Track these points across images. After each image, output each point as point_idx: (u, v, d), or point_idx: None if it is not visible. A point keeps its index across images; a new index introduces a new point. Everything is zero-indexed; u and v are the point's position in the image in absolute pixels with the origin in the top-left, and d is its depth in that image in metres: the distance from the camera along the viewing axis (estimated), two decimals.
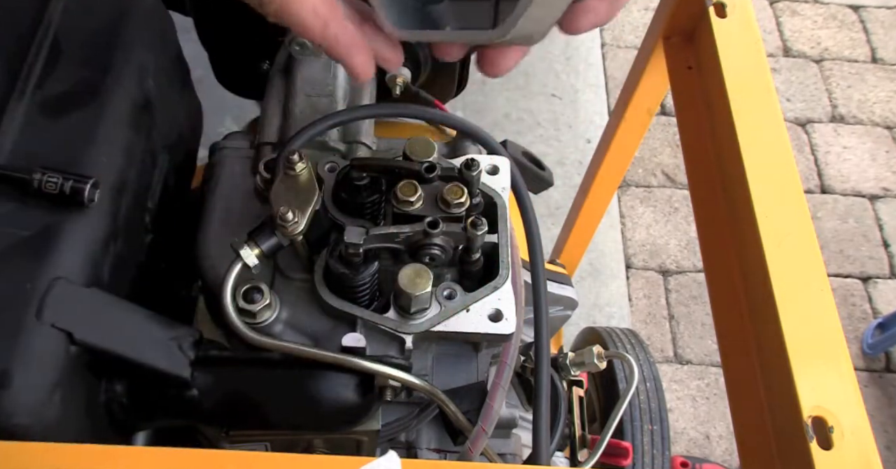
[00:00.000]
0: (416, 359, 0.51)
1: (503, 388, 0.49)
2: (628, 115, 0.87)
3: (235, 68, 0.76)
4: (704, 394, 1.63)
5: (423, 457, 0.56)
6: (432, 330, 0.48)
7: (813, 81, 2.11)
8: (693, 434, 1.58)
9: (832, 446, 0.43)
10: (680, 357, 1.66)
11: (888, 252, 1.83)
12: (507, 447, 0.62)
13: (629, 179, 1.91)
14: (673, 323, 1.71)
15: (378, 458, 0.35)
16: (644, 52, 0.80)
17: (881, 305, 1.74)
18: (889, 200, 1.90)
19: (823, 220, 1.86)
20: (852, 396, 0.45)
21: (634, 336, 1.09)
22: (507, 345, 0.50)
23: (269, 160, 0.52)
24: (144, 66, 0.54)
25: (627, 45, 2.13)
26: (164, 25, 0.59)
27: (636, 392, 0.96)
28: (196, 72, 0.69)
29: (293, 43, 0.58)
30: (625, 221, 1.85)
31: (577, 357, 0.66)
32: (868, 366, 1.67)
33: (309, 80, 0.60)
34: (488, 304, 0.49)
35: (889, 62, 2.16)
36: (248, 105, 0.89)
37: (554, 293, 0.81)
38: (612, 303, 1.72)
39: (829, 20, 2.25)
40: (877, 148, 1.99)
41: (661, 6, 0.74)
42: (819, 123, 2.03)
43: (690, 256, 1.79)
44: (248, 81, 0.75)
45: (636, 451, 0.91)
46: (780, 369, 0.47)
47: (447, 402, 0.48)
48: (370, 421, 0.46)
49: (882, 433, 1.58)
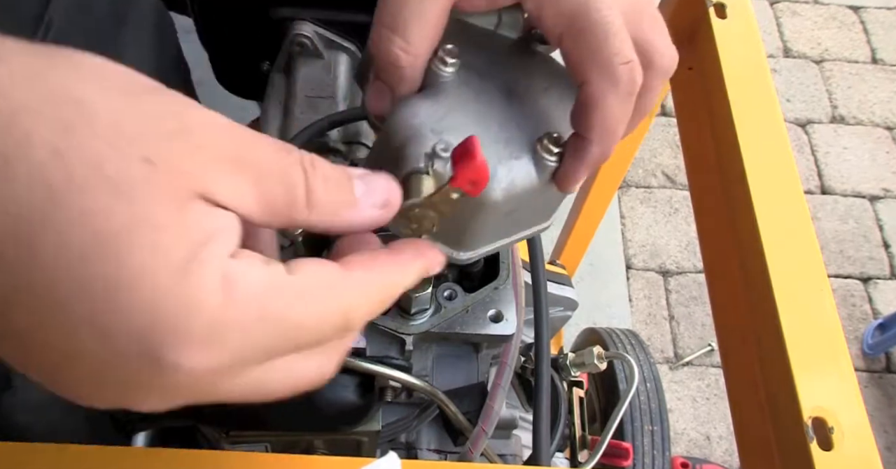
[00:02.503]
0: (416, 359, 0.51)
1: (503, 388, 0.49)
2: None
3: (235, 68, 0.76)
4: (705, 394, 1.63)
5: (423, 457, 0.56)
6: (432, 331, 0.48)
7: (813, 82, 2.12)
8: (693, 435, 1.58)
9: (832, 447, 0.43)
10: (680, 357, 1.66)
11: (888, 253, 1.83)
12: (507, 448, 0.62)
13: (629, 180, 1.91)
14: (673, 323, 1.71)
15: (378, 459, 0.35)
16: None
17: (881, 306, 1.74)
18: (889, 201, 1.91)
19: (823, 220, 1.86)
20: (853, 397, 0.45)
21: (635, 337, 1.09)
22: (507, 345, 0.50)
23: None
24: (145, 66, 0.54)
25: None
26: (164, 25, 0.59)
27: (636, 393, 0.96)
28: (196, 72, 0.69)
29: (293, 43, 0.58)
30: (625, 222, 1.85)
31: (577, 358, 0.66)
32: (868, 366, 1.67)
33: (309, 80, 0.60)
34: (489, 305, 0.49)
35: (889, 63, 2.16)
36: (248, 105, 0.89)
37: (554, 294, 0.81)
38: (612, 303, 1.72)
39: (829, 21, 2.25)
40: (877, 148, 1.99)
41: (661, 6, 0.74)
42: (819, 124, 2.03)
43: (690, 257, 1.79)
44: (248, 82, 0.75)
45: (636, 452, 0.91)
46: (780, 370, 0.47)
47: (447, 403, 0.48)
48: (370, 422, 0.46)
49: (882, 434, 1.58)
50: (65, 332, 0.23)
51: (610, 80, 0.33)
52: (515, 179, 0.35)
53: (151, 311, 0.23)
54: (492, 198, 0.35)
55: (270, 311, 0.25)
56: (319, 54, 0.60)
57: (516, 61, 0.39)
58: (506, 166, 0.35)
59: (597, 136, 0.34)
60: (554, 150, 0.35)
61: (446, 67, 0.36)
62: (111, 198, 0.23)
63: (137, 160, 0.23)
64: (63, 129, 0.22)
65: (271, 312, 0.25)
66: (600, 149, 0.35)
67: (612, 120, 0.34)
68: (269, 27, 0.61)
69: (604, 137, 0.34)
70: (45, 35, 0.51)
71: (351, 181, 0.29)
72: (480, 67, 0.38)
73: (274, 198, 0.26)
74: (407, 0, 0.34)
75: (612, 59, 0.33)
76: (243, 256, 0.25)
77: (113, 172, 0.23)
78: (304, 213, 0.27)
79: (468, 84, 0.37)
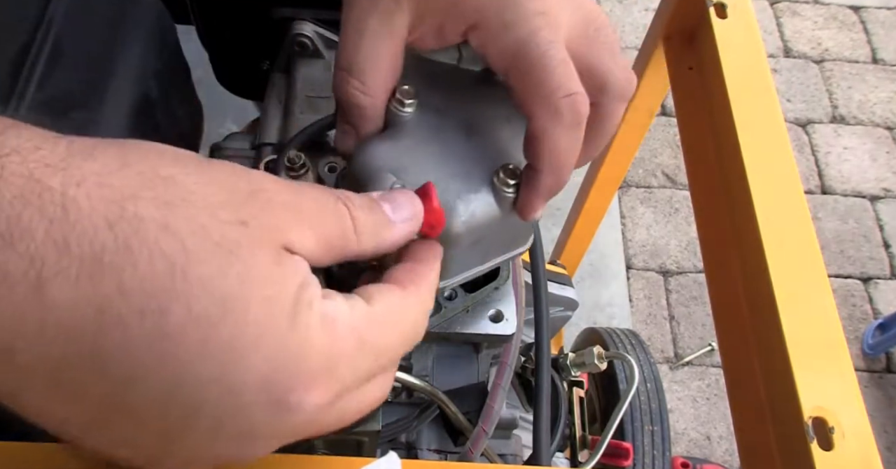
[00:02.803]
0: (416, 360, 0.51)
1: (504, 388, 0.49)
2: (629, 116, 0.87)
3: (235, 68, 0.76)
4: (705, 394, 1.63)
5: (423, 457, 0.56)
6: (433, 331, 0.48)
7: (813, 82, 2.11)
8: (694, 435, 1.58)
9: (833, 447, 0.43)
10: (680, 357, 1.66)
11: (889, 253, 1.83)
12: (507, 448, 0.62)
13: (629, 180, 1.91)
14: (673, 323, 1.71)
15: (378, 459, 0.35)
16: (644, 52, 0.80)
17: (882, 306, 1.74)
18: (889, 201, 1.91)
19: (824, 220, 1.86)
20: (853, 397, 0.45)
21: (635, 337, 1.09)
22: (507, 345, 0.50)
23: (269, 161, 0.52)
24: (145, 66, 0.54)
25: (628, 46, 2.13)
26: (164, 25, 0.59)
27: (637, 393, 0.96)
28: (196, 72, 0.69)
29: (293, 43, 0.58)
30: (625, 222, 1.85)
31: (577, 358, 0.66)
32: (868, 366, 1.67)
33: (309, 80, 0.60)
34: (489, 305, 0.49)
35: (890, 63, 2.16)
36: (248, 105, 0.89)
37: (554, 294, 0.81)
38: (612, 303, 1.72)
39: (829, 21, 2.25)
40: (877, 148, 1.99)
41: (661, 6, 0.74)
42: (819, 124, 2.03)
43: (691, 257, 1.79)
44: (248, 82, 0.75)
45: (637, 452, 0.91)
46: (780, 369, 0.47)
47: (448, 403, 0.48)
48: (370, 421, 0.46)
49: (882, 434, 1.58)
50: (190, 396, 0.25)
51: (553, 114, 0.34)
52: (475, 213, 0.36)
53: (272, 359, 0.25)
54: (453, 232, 0.36)
55: (367, 340, 0.28)
56: (319, 54, 0.60)
57: (477, 94, 0.40)
58: (464, 201, 0.36)
59: (546, 167, 0.35)
60: (510, 182, 0.36)
61: (404, 108, 0.37)
62: (223, 261, 0.25)
63: (234, 223, 0.25)
64: (164, 205, 0.24)
65: (367, 341, 0.28)
66: (552, 179, 0.36)
67: (559, 151, 0.35)
68: (269, 27, 0.61)
69: (553, 168, 0.35)
70: (46, 35, 0.51)
71: (378, 203, 0.31)
72: (440, 104, 0.39)
73: (329, 234, 0.28)
74: (361, 43, 0.36)
75: (554, 93, 0.34)
76: (329, 296, 0.28)
77: (218, 238, 0.25)
78: (354, 241, 0.29)
79: (428, 122, 0.38)
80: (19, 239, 0.22)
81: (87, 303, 0.23)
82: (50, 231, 0.23)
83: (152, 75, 0.55)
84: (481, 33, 0.35)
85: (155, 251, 0.24)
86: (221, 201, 0.26)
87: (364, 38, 0.36)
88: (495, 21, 0.34)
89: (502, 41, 0.35)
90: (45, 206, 0.23)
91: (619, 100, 0.37)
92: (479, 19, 0.35)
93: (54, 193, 0.23)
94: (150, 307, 0.23)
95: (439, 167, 0.37)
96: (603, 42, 0.37)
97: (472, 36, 0.36)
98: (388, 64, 0.36)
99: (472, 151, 0.38)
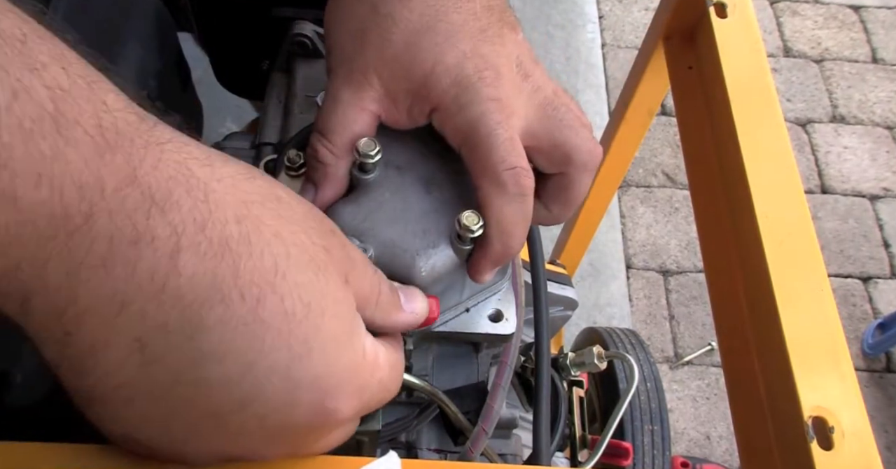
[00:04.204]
0: (416, 359, 0.51)
1: (503, 388, 0.49)
2: (629, 116, 0.87)
3: (235, 68, 0.76)
4: (705, 394, 1.63)
5: (423, 457, 0.56)
6: (433, 330, 0.48)
7: (813, 82, 2.11)
8: (693, 434, 1.58)
9: (833, 447, 0.43)
10: (680, 357, 1.66)
11: (889, 252, 1.83)
12: (507, 447, 0.62)
13: (629, 180, 1.91)
14: (673, 323, 1.71)
15: (378, 459, 0.35)
16: (644, 52, 0.80)
17: (882, 306, 1.74)
18: (889, 200, 1.91)
19: (824, 220, 1.86)
20: (853, 397, 0.45)
21: (635, 336, 1.09)
22: (507, 345, 0.50)
23: (269, 160, 0.52)
24: (145, 66, 0.54)
25: (628, 46, 2.13)
26: (164, 25, 0.59)
27: (636, 392, 0.96)
28: (196, 72, 0.69)
29: (293, 43, 0.58)
30: (625, 222, 1.85)
31: (577, 357, 0.66)
32: (868, 366, 1.67)
33: (309, 80, 0.60)
34: (489, 305, 0.49)
35: (890, 62, 2.16)
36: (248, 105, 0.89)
37: (554, 293, 0.81)
38: (612, 303, 1.72)
39: (829, 20, 2.25)
40: (877, 148, 1.99)
41: (661, 6, 0.74)
42: (819, 123, 2.03)
43: (691, 257, 1.79)
44: (247, 81, 0.75)
45: (637, 452, 0.91)
46: (780, 369, 0.47)
47: (447, 403, 0.48)
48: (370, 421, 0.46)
49: (882, 434, 1.58)
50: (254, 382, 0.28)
51: (496, 185, 0.38)
52: (436, 265, 0.39)
53: (328, 365, 0.29)
54: (417, 284, 0.39)
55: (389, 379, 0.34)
56: (319, 54, 0.60)
57: (437, 148, 0.42)
58: (424, 256, 0.39)
59: (494, 234, 0.39)
60: (468, 237, 0.39)
61: (366, 174, 0.40)
62: (314, 275, 0.29)
63: (322, 248, 0.30)
64: (278, 216, 0.29)
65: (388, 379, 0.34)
66: (499, 246, 0.39)
67: (505, 221, 0.38)
68: (269, 27, 0.61)
69: (500, 235, 0.39)
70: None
71: (396, 291, 0.36)
72: (402, 162, 0.42)
73: (362, 291, 0.33)
74: (335, 110, 0.40)
75: (497, 167, 0.38)
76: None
77: (311, 255, 0.30)
78: (371, 308, 0.34)
79: (390, 180, 0.41)
80: (169, 210, 0.26)
81: (204, 276, 0.26)
82: (193, 210, 0.26)
83: (152, 75, 0.55)
84: (441, 114, 0.39)
85: (266, 250, 0.28)
86: (314, 228, 0.31)
87: (338, 105, 0.40)
88: (453, 104, 0.39)
89: (457, 120, 0.39)
90: (192, 190, 0.27)
91: (583, 170, 0.41)
92: (440, 102, 0.39)
93: (199, 182, 0.27)
94: (251, 293, 0.27)
95: (401, 225, 0.40)
96: (561, 120, 0.40)
97: (434, 116, 0.40)
98: (357, 129, 0.40)
99: (432, 206, 0.41)
